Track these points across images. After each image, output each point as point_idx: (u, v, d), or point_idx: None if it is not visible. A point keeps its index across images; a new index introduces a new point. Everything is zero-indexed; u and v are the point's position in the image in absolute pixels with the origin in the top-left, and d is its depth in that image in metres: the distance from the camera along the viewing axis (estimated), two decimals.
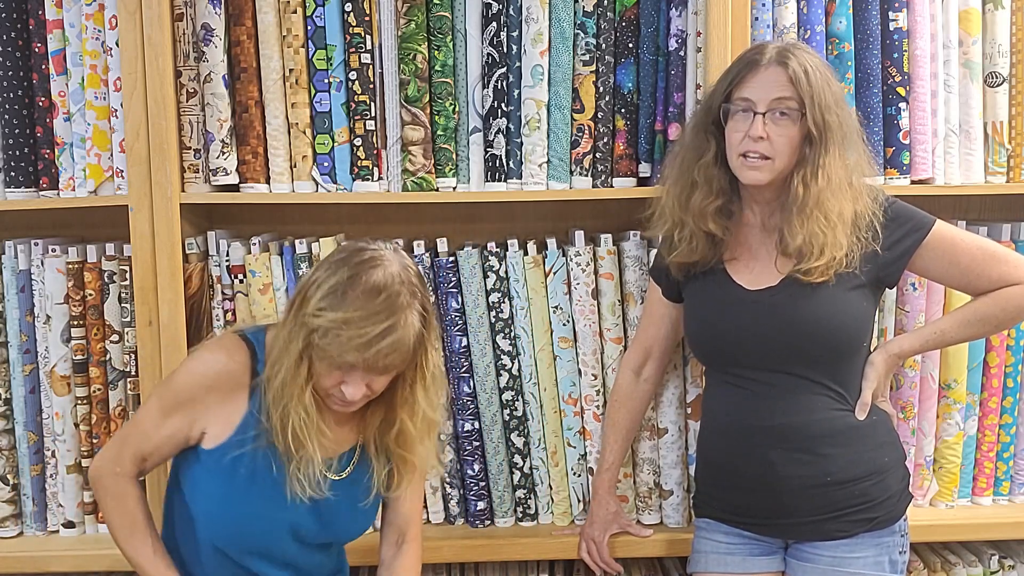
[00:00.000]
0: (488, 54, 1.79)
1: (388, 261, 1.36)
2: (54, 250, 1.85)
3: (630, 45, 1.81)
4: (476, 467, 1.89)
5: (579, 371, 1.88)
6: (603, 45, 1.81)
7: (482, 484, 1.91)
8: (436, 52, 1.78)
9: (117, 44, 1.75)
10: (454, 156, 1.82)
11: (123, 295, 1.84)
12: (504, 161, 1.83)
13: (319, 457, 1.41)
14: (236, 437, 1.42)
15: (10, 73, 1.81)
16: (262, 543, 1.47)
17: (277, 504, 1.43)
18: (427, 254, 1.85)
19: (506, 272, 1.85)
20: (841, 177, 1.49)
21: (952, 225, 1.59)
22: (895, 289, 1.82)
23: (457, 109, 1.82)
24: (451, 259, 1.84)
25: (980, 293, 1.58)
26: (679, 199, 1.60)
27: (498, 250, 1.85)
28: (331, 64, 1.78)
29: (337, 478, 1.48)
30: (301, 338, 1.35)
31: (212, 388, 1.43)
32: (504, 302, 1.85)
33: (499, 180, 1.83)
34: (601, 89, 1.82)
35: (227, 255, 1.85)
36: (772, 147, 1.49)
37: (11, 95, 1.82)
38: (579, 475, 1.92)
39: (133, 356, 1.85)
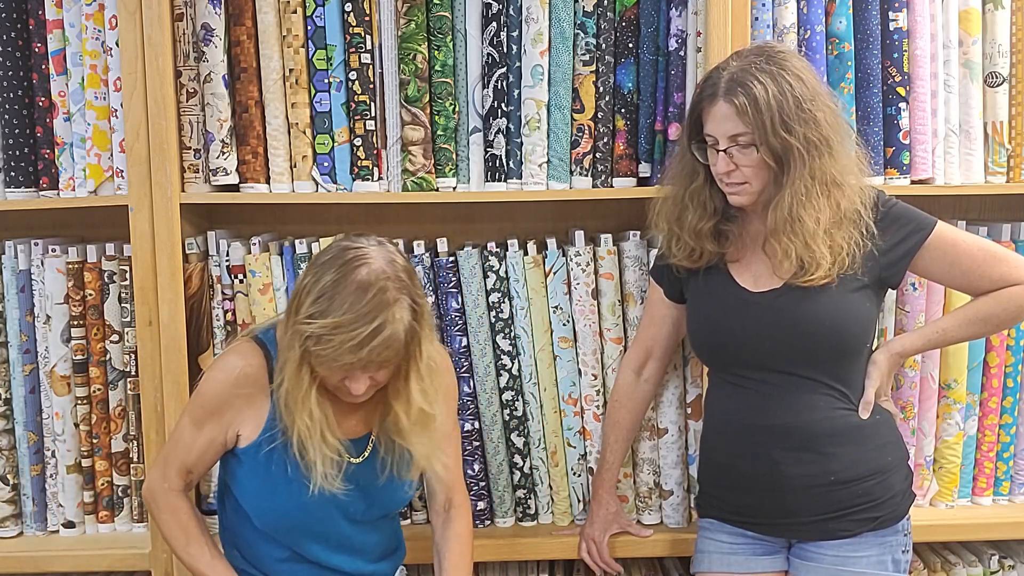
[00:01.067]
0: (488, 54, 1.79)
1: (372, 259, 1.36)
2: (54, 250, 1.85)
3: (630, 45, 1.81)
4: (476, 467, 1.89)
5: (579, 371, 1.88)
6: (603, 45, 1.81)
7: (482, 484, 1.91)
8: (436, 52, 1.78)
9: (117, 44, 1.75)
10: (454, 156, 1.82)
11: (123, 295, 1.84)
12: (504, 161, 1.83)
13: (328, 455, 1.43)
14: (265, 434, 1.47)
15: (10, 73, 1.81)
16: (316, 527, 1.51)
17: (318, 489, 1.46)
18: (427, 254, 1.85)
19: (506, 272, 1.85)
20: (816, 188, 1.47)
21: (952, 226, 1.59)
22: (895, 289, 1.82)
23: (457, 109, 1.81)
24: (451, 259, 1.84)
25: (981, 293, 1.58)
26: (673, 218, 1.62)
27: (498, 250, 1.85)
28: (331, 64, 1.78)
29: (357, 461, 1.50)
30: (298, 345, 1.37)
31: (235, 393, 1.47)
32: (504, 302, 1.85)
33: (499, 180, 1.83)
34: (601, 89, 1.82)
35: (227, 255, 1.85)
36: (743, 174, 1.50)
37: (11, 95, 1.82)
38: (579, 475, 1.92)
39: (133, 356, 1.85)
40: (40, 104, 1.83)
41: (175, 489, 1.54)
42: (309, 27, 1.78)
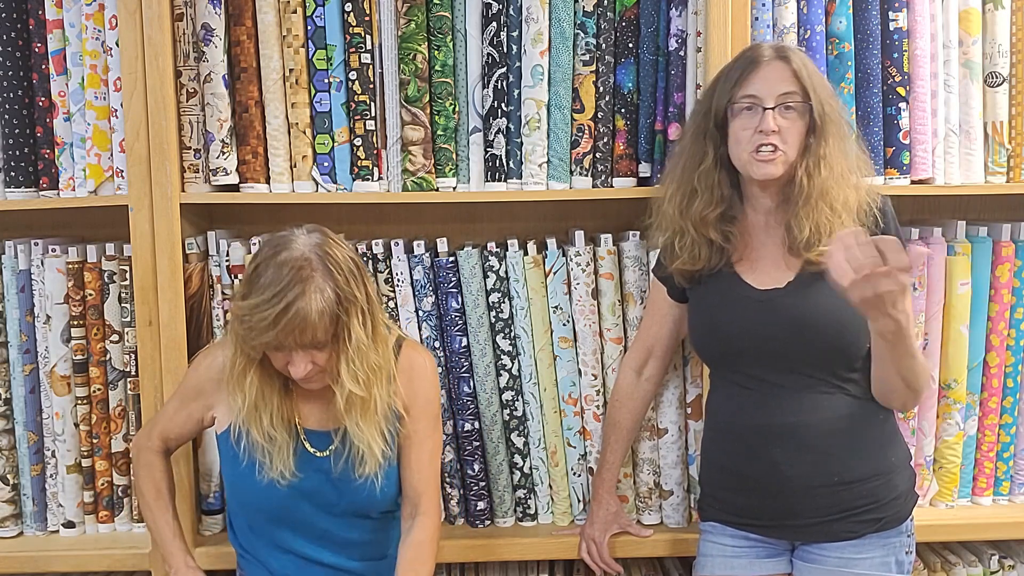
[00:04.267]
0: (488, 54, 1.79)
1: (295, 244, 1.43)
2: (54, 250, 1.85)
3: (630, 45, 1.81)
4: (476, 467, 1.89)
5: (579, 371, 1.88)
6: (603, 45, 1.81)
7: (482, 484, 1.91)
8: (436, 52, 1.78)
9: (117, 44, 1.75)
10: (454, 156, 1.82)
11: (123, 295, 1.84)
12: (504, 161, 1.83)
13: (267, 444, 1.52)
14: (236, 422, 1.55)
15: (10, 73, 1.81)
16: (284, 514, 1.56)
17: (275, 475, 1.54)
18: (427, 254, 1.85)
19: (506, 272, 1.85)
20: (843, 166, 1.52)
21: None
22: None
23: (457, 109, 1.81)
24: (451, 259, 1.84)
25: None
26: (679, 207, 1.61)
27: (498, 250, 1.85)
28: (331, 64, 1.78)
29: (323, 454, 1.56)
30: (233, 329, 1.47)
31: (214, 380, 1.58)
32: (504, 302, 1.85)
33: (499, 180, 1.83)
34: (601, 89, 1.82)
35: (227, 255, 1.85)
36: (783, 139, 1.51)
37: (11, 95, 1.82)
38: (579, 475, 1.92)
39: (133, 356, 1.85)
40: (40, 104, 1.83)
41: (155, 449, 1.66)
42: (309, 27, 1.78)
